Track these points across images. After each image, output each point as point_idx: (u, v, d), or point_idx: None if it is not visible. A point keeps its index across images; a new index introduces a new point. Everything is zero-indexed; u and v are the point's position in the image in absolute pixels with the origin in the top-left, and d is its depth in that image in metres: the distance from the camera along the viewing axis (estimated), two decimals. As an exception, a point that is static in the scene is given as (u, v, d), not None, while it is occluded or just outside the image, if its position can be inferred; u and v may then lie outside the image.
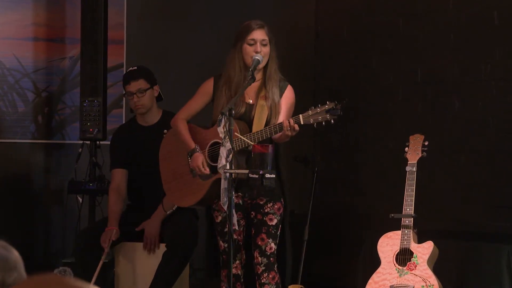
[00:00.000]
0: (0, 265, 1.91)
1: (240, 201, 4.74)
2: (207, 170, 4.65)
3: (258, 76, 4.72)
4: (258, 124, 4.61)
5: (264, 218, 4.70)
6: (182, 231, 5.17)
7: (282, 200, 4.75)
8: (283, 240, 4.80)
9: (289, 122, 4.38)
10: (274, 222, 4.70)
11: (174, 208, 5.24)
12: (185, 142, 4.78)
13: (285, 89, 4.73)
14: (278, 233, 4.73)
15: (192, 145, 4.75)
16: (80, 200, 6.12)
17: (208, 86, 4.82)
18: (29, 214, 6.47)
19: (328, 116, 4.33)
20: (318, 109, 4.36)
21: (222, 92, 4.71)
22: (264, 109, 4.65)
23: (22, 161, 6.48)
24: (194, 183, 4.77)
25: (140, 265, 5.31)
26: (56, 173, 6.51)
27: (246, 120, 4.67)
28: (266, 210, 4.70)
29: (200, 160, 4.68)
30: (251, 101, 4.72)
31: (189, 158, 4.78)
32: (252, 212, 4.74)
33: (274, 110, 4.66)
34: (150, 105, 5.37)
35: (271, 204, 4.71)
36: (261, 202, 4.71)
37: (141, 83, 5.34)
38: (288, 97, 4.73)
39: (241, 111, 4.68)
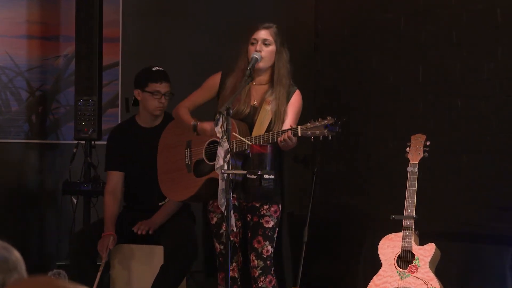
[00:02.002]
0: (0, 266, 1.88)
1: (236, 202, 4.66)
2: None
3: (265, 78, 4.65)
4: (259, 129, 4.54)
5: (261, 221, 4.63)
6: (181, 245, 5.07)
7: (279, 204, 4.67)
8: (282, 242, 4.74)
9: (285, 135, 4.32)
10: (271, 224, 4.64)
11: (166, 201, 5.17)
12: (184, 122, 4.69)
13: (292, 94, 4.66)
14: (275, 236, 4.66)
15: (191, 120, 4.65)
16: (75, 201, 6.09)
17: (214, 81, 4.75)
18: (23, 215, 6.43)
19: (326, 131, 4.29)
20: (317, 123, 4.31)
21: (227, 92, 4.63)
22: (268, 114, 4.59)
23: (15, 162, 6.44)
24: (189, 179, 4.69)
25: (136, 267, 5.28)
26: (50, 173, 6.46)
27: (248, 123, 4.60)
28: (262, 212, 4.65)
29: (208, 127, 4.56)
30: (256, 103, 4.64)
31: (186, 150, 4.71)
32: (248, 215, 4.68)
33: (278, 116, 4.58)
34: None
35: (267, 206, 4.65)
36: (257, 204, 4.65)
37: (168, 86, 5.32)
38: (295, 102, 4.66)
39: (245, 112, 4.61)
